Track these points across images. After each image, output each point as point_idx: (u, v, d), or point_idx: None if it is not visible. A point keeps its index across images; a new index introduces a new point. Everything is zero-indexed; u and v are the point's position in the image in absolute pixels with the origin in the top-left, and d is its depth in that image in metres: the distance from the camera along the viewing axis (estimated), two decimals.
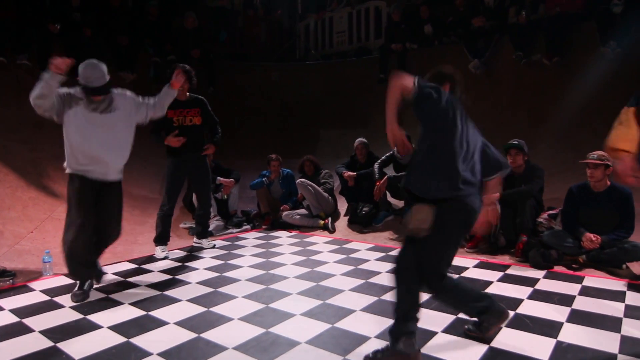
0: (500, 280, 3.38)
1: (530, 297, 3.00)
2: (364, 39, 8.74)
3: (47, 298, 3.10)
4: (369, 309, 2.84)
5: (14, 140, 5.28)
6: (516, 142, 4.13)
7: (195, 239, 4.64)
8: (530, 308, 2.80)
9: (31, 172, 5.06)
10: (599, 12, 5.94)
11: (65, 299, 3.07)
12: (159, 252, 4.20)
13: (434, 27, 7.41)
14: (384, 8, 8.43)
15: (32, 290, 3.26)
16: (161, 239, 4.26)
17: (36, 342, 2.42)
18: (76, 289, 3.12)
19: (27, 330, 2.58)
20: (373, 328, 2.54)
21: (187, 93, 4.26)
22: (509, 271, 3.60)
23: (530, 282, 3.31)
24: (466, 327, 2.44)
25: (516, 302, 2.89)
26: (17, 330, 2.58)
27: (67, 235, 3.07)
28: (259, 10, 9.27)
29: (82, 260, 3.13)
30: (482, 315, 2.33)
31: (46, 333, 2.53)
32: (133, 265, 3.91)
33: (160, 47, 7.25)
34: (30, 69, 5.87)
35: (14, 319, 2.74)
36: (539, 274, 3.50)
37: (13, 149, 5.17)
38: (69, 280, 3.47)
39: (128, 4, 7.58)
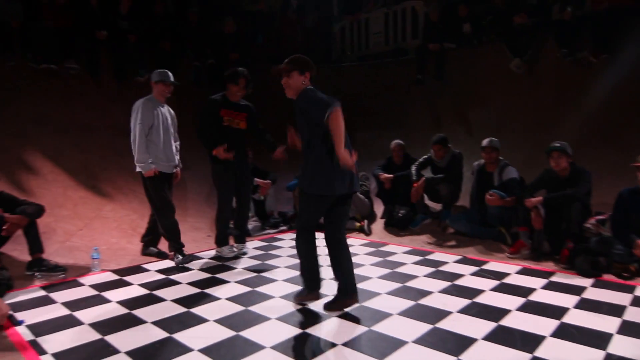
0: (545, 287, 3.26)
1: (577, 306, 2.87)
2: (401, 39, 8.65)
3: (96, 293, 3.26)
4: (406, 313, 2.80)
5: (65, 143, 5.57)
6: (558, 145, 3.98)
7: (232, 242, 4.69)
8: (577, 317, 2.68)
9: (81, 172, 5.33)
10: None
11: (112, 294, 3.22)
12: (226, 251, 4.28)
13: (473, 25, 7.25)
14: (420, 8, 8.32)
15: (81, 285, 3.44)
16: (225, 240, 4.33)
17: (86, 334, 2.55)
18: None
19: (78, 322, 2.72)
20: (411, 332, 2.51)
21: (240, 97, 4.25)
22: (554, 278, 3.46)
23: (576, 290, 3.17)
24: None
25: (561, 311, 2.78)
26: (69, 322, 2.72)
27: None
28: (295, 13, 9.36)
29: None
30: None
31: (95, 326, 2.66)
32: (174, 264, 4.04)
33: (201, 51, 7.45)
34: (79, 74, 6.19)
35: (65, 311, 2.89)
36: (586, 282, 3.35)
37: (64, 151, 5.46)
38: (116, 276, 3.65)
39: (170, 10, 7.84)
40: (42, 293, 3.24)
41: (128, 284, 3.48)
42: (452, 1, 7.73)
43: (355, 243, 4.82)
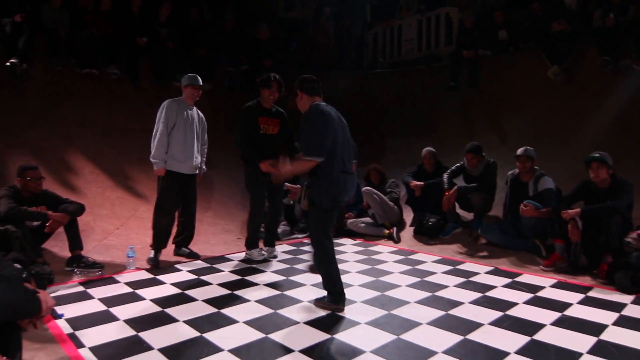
0: (581, 302, 3.14)
1: (616, 324, 2.75)
2: (434, 46, 8.57)
3: (130, 290, 3.37)
4: (435, 323, 2.76)
5: (105, 145, 5.81)
6: (598, 155, 3.84)
7: (262, 246, 4.71)
8: (616, 335, 2.58)
9: (119, 173, 5.54)
10: None
11: (146, 292, 3.31)
12: (256, 254, 4.31)
13: (509, 32, 7.11)
14: (455, 14, 8.23)
15: (117, 282, 3.56)
16: (255, 244, 4.38)
17: (121, 330, 2.64)
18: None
19: (113, 318, 2.81)
20: (440, 343, 2.47)
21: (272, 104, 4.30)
22: (591, 293, 3.33)
23: (616, 306, 3.04)
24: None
25: (599, 328, 2.67)
26: (105, 317, 2.82)
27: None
28: (328, 21, 9.45)
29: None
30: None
31: (130, 322, 2.75)
32: (206, 264, 4.13)
33: (235, 57, 7.62)
34: (120, 78, 6.45)
35: (102, 307, 3.00)
36: (626, 298, 3.20)
37: (104, 152, 5.69)
38: (149, 275, 3.76)
39: (206, 18, 8.07)
40: (81, 288, 3.38)
41: (161, 282, 3.58)
42: (488, 8, 7.62)
43: (384, 250, 4.79)
